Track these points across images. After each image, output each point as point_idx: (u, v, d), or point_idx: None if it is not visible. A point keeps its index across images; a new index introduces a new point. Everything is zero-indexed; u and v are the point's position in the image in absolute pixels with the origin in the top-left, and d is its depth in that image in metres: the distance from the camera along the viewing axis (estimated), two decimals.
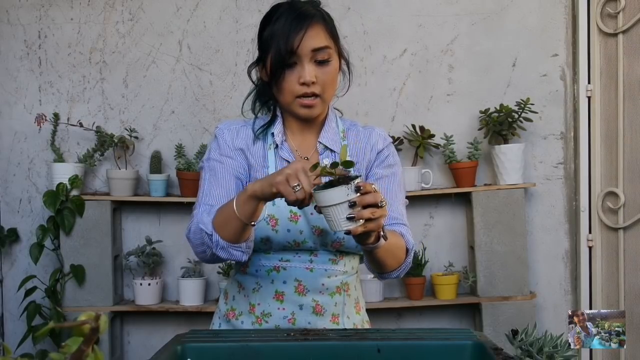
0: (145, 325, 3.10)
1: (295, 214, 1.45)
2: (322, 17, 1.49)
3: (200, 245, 1.40)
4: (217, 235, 1.36)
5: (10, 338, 3.09)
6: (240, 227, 1.34)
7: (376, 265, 1.45)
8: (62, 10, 3.11)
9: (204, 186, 1.50)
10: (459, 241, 3.07)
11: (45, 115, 2.99)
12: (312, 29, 1.44)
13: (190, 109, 3.10)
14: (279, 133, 1.53)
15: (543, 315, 3.03)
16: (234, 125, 1.57)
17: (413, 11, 3.08)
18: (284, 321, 1.49)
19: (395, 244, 1.42)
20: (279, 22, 1.45)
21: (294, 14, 1.45)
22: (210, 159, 1.53)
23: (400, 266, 1.47)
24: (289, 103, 1.47)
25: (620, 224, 2.90)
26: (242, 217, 1.32)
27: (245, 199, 1.31)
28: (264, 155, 1.53)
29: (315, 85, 1.44)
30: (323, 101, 1.48)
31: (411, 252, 1.49)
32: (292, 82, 1.44)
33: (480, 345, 1.18)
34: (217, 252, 1.37)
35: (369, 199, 1.21)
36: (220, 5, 3.10)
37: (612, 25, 2.92)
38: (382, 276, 1.50)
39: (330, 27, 1.50)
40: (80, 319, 0.60)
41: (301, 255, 1.48)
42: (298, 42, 1.42)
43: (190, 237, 1.42)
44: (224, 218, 1.36)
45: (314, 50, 1.44)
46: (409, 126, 3.00)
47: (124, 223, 3.11)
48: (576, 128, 3.01)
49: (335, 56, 1.49)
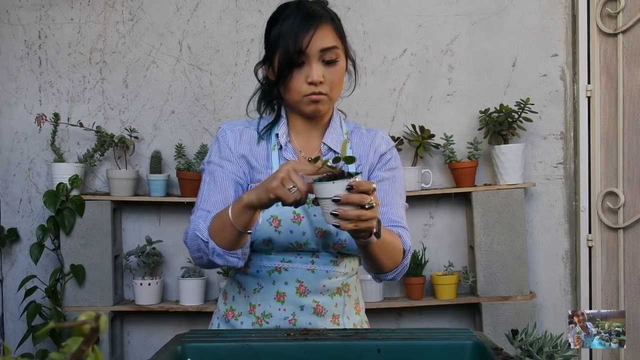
0: (145, 325, 3.11)
1: (299, 215, 1.45)
2: (331, 17, 1.49)
3: (196, 252, 1.42)
4: (212, 242, 1.37)
5: (10, 338, 3.09)
6: (236, 235, 1.35)
7: (371, 263, 1.44)
8: (62, 10, 3.11)
9: (203, 190, 1.51)
10: (459, 241, 3.07)
11: (45, 115, 2.99)
12: (321, 29, 1.44)
13: (190, 109, 3.10)
14: (283, 134, 1.53)
15: (543, 315, 3.04)
16: (237, 127, 1.56)
17: (413, 11, 3.08)
18: (285, 322, 1.49)
19: (392, 243, 1.42)
20: (287, 22, 1.45)
21: (302, 13, 1.45)
22: (211, 162, 1.53)
23: (396, 267, 1.46)
24: (297, 102, 1.47)
25: (620, 224, 2.90)
26: (238, 226, 1.33)
27: (241, 209, 1.32)
28: (268, 155, 1.52)
29: (322, 85, 1.44)
30: (329, 98, 1.48)
31: (408, 254, 1.48)
32: (300, 82, 1.44)
33: (480, 345, 1.18)
34: (213, 258, 1.39)
35: (354, 198, 1.19)
36: (220, 5, 3.10)
37: (612, 26, 2.92)
38: (378, 277, 1.50)
39: (338, 27, 1.50)
40: (80, 319, 0.60)
41: (303, 257, 1.48)
42: (307, 42, 1.42)
43: (187, 243, 1.44)
44: (220, 226, 1.36)
45: (323, 50, 1.44)
46: (409, 126, 3.00)
47: (124, 223, 3.11)
48: (576, 128, 3.01)
49: (342, 56, 1.50)
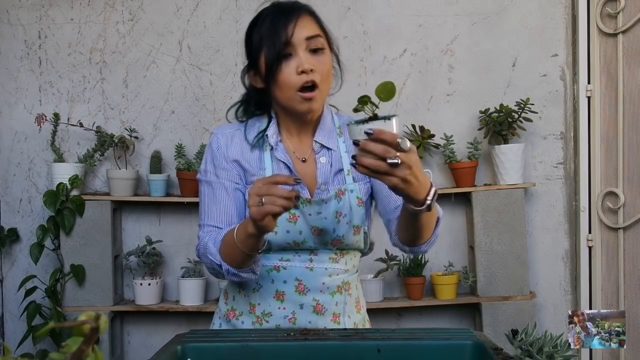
0: (145, 325, 3.10)
1: (294, 214, 1.45)
2: (309, 10, 1.51)
3: (211, 269, 1.47)
4: (226, 264, 1.41)
5: (10, 338, 3.09)
6: (247, 257, 1.38)
7: (412, 233, 1.39)
8: (62, 10, 3.11)
9: (203, 203, 1.53)
10: (459, 241, 3.07)
11: (45, 115, 2.99)
12: (302, 19, 1.46)
13: (190, 109, 3.10)
14: (273, 134, 1.52)
15: (543, 315, 3.04)
16: (227, 130, 1.56)
17: (413, 11, 3.08)
18: (285, 321, 1.49)
19: (433, 212, 1.34)
20: (266, 22, 1.47)
21: (280, 10, 1.47)
22: (207, 171, 1.54)
23: (430, 237, 1.42)
24: (290, 98, 1.45)
25: (620, 224, 2.90)
26: (246, 250, 1.36)
27: (245, 238, 1.34)
28: (260, 157, 1.52)
29: (314, 73, 1.43)
30: (321, 93, 1.46)
31: (440, 222, 1.43)
32: (291, 74, 1.43)
33: (480, 345, 1.18)
34: (228, 277, 1.44)
35: (371, 146, 1.14)
36: (220, 5, 3.10)
37: (612, 26, 2.92)
38: (413, 249, 1.46)
39: (319, 20, 1.51)
40: (80, 319, 0.60)
41: (301, 255, 1.49)
42: (291, 32, 1.43)
43: (201, 258, 1.49)
44: (229, 250, 1.39)
45: (308, 39, 1.44)
46: (409, 126, 3.00)
47: (124, 223, 3.11)
48: (576, 128, 3.01)
49: (327, 48, 1.49)
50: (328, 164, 1.52)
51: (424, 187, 1.22)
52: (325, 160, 1.52)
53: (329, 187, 1.50)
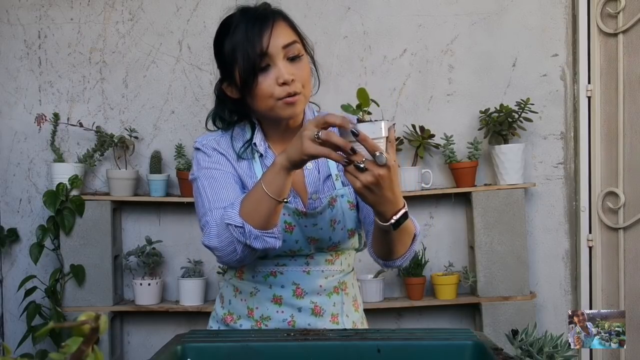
0: (145, 325, 3.10)
1: (290, 224, 1.43)
2: (282, 14, 1.45)
3: (229, 245, 1.32)
4: (248, 225, 1.29)
5: (10, 338, 3.09)
6: (272, 207, 1.28)
7: (384, 247, 1.37)
8: (62, 10, 3.11)
9: (205, 195, 1.42)
10: (459, 241, 3.07)
11: (45, 115, 2.99)
12: (277, 27, 1.40)
13: (190, 109, 3.10)
14: (260, 141, 1.48)
15: (543, 315, 3.04)
16: (211, 137, 1.51)
17: (413, 11, 3.08)
18: (284, 324, 1.48)
19: (408, 227, 1.34)
20: (238, 31, 1.39)
21: (252, 17, 1.39)
22: (203, 167, 1.46)
23: (405, 253, 1.40)
24: (270, 107, 1.40)
25: (620, 224, 2.90)
26: (274, 195, 1.27)
27: (274, 174, 1.27)
28: (249, 166, 1.48)
29: (295, 83, 1.38)
30: (304, 97, 1.42)
31: (417, 239, 1.41)
32: (271, 86, 1.37)
33: (480, 345, 1.18)
34: (251, 243, 1.30)
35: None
36: (220, 5, 3.09)
37: (612, 25, 2.92)
38: (386, 263, 1.43)
39: (292, 23, 1.46)
40: (80, 319, 0.60)
41: (297, 259, 1.47)
42: (267, 42, 1.37)
43: (214, 242, 1.34)
44: (252, 204, 1.29)
45: (285, 47, 1.39)
46: (409, 126, 3.00)
47: (124, 223, 3.11)
48: (576, 128, 3.01)
49: (304, 51, 1.44)
50: (315, 169, 1.49)
51: (392, 205, 1.24)
52: (312, 165, 1.48)
53: (320, 195, 1.46)
